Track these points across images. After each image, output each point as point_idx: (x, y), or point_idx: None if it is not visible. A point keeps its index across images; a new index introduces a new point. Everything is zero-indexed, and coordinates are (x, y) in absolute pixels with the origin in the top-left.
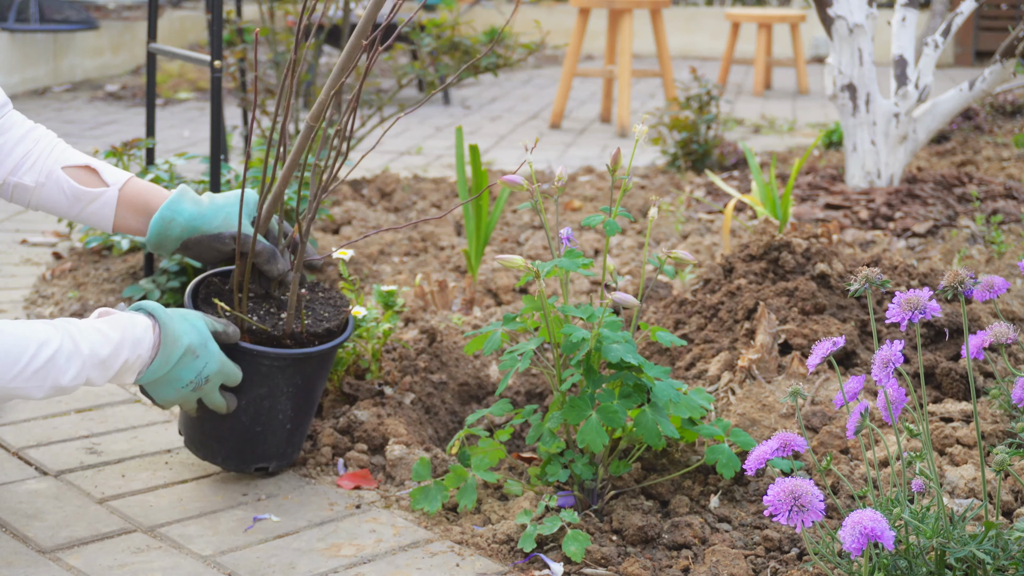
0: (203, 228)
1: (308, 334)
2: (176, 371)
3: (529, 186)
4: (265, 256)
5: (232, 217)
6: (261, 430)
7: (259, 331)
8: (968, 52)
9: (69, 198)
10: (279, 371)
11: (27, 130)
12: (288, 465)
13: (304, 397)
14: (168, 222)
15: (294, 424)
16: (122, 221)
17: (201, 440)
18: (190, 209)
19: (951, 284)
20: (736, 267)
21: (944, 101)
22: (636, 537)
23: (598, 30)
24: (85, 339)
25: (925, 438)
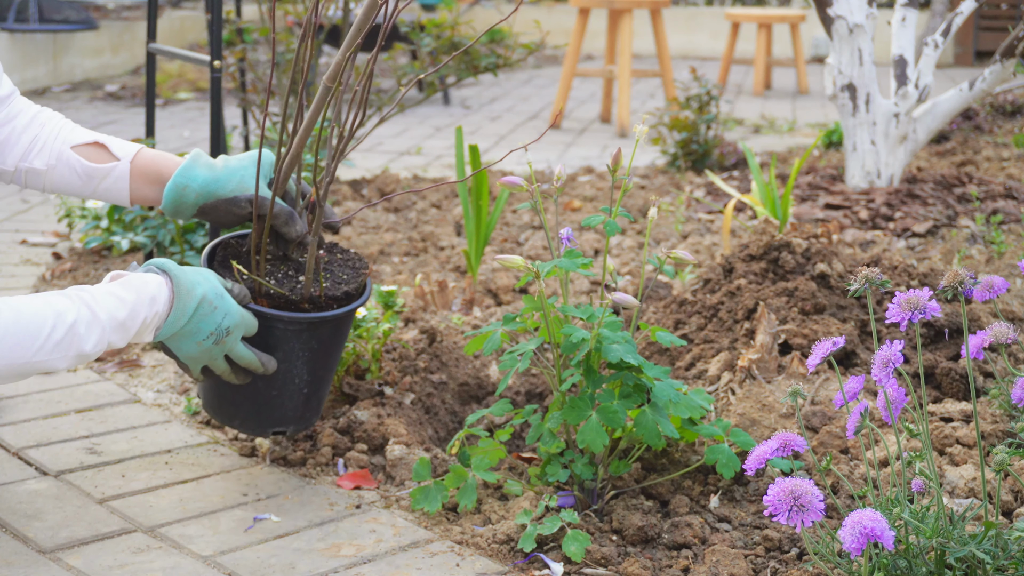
0: (218, 193)
1: (326, 297)
2: (194, 323)
3: (529, 186)
4: (283, 218)
5: (247, 180)
6: (277, 394)
7: (276, 295)
8: (968, 52)
9: (82, 177)
10: (294, 335)
11: (33, 115)
12: (306, 429)
13: (320, 362)
14: (182, 189)
15: (311, 389)
16: (137, 193)
17: (218, 404)
18: (204, 174)
19: (951, 284)
20: (736, 267)
21: (944, 101)
22: (636, 537)
23: (598, 30)
24: (101, 306)
25: (925, 438)
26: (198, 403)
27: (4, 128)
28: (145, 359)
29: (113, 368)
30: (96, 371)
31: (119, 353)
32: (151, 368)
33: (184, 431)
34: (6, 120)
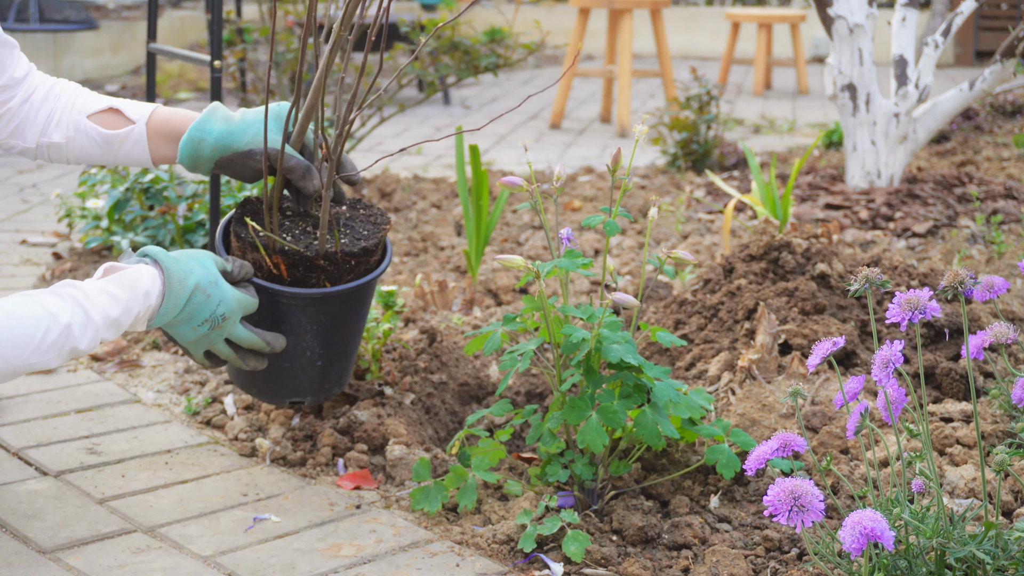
0: (233, 145)
1: (343, 254)
2: (187, 311)
3: (529, 186)
4: (299, 172)
5: (263, 132)
6: (290, 366)
7: (291, 252)
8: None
9: (101, 145)
10: (298, 310)
11: (48, 89)
12: (327, 399)
13: (333, 335)
14: (197, 142)
15: (326, 361)
16: (157, 153)
17: (237, 374)
18: (219, 127)
19: (951, 284)
20: (736, 267)
21: (944, 101)
22: (636, 537)
23: (598, 30)
24: (95, 305)
25: (925, 438)
26: (198, 403)
27: (23, 107)
28: (145, 359)
29: (113, 368)
30: (96, 371)
31: (119, 353)
32: (151, 368)
33: (184, 431)
34: (24, 99)
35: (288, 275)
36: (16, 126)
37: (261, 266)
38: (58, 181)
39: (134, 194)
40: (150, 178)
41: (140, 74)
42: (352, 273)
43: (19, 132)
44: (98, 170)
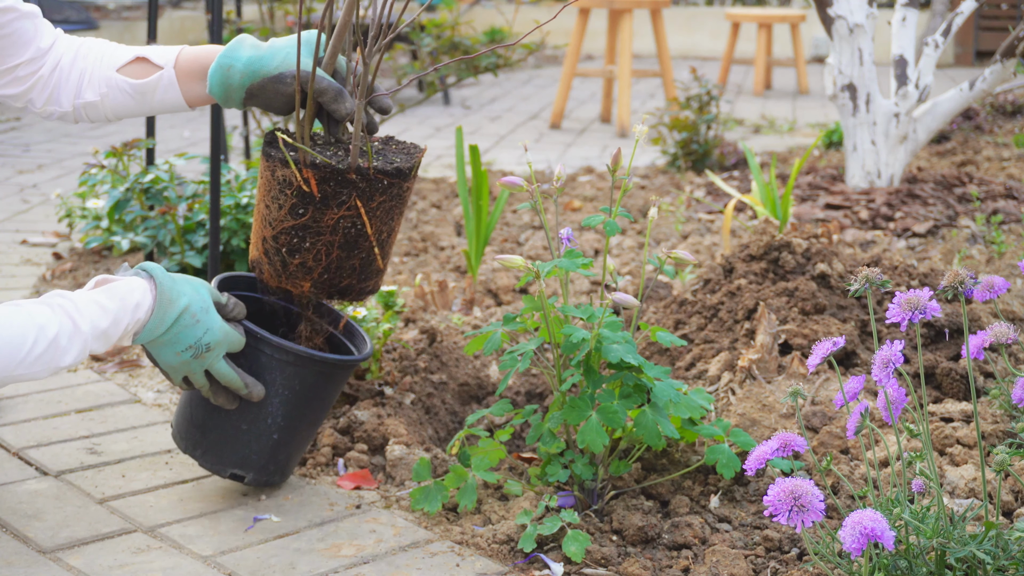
0: (263, 70)
1: (376, 171)
2: (173, 332)
3: (529, 187)
4: (331, 94)
5: (292, 56)
6: (247, 429)
7: (323, 164)
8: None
9: (134, 97)
10: (278, 367)
11: (76, 51)
12: (267, 485)
13: (298, 408)
14: (227, 69)
15: (281, 436)
16: (190, 93)
17: (186, 428)
18: (248, 53)
19: (951, 284)
20: (736, 267)
21: (944, 101)
22: (636, 537)
23: (598, 30)
24: (84, 316)
25: (925, 438)
26: None
27: (54, 74)
28: (145, 359)
29: (113, 368)
30: (96, 371)
31: (119, 353)
32: (151, 368)
33: None
34: (54, 66)
35: (319, 191)
36: (51, 93)
37: (291, 182)
38: (58, 181)
39: (134, 194)
40: (150, 178)
41: None
42: (384, 195)
43: (54, 98)
44: (98, 170)
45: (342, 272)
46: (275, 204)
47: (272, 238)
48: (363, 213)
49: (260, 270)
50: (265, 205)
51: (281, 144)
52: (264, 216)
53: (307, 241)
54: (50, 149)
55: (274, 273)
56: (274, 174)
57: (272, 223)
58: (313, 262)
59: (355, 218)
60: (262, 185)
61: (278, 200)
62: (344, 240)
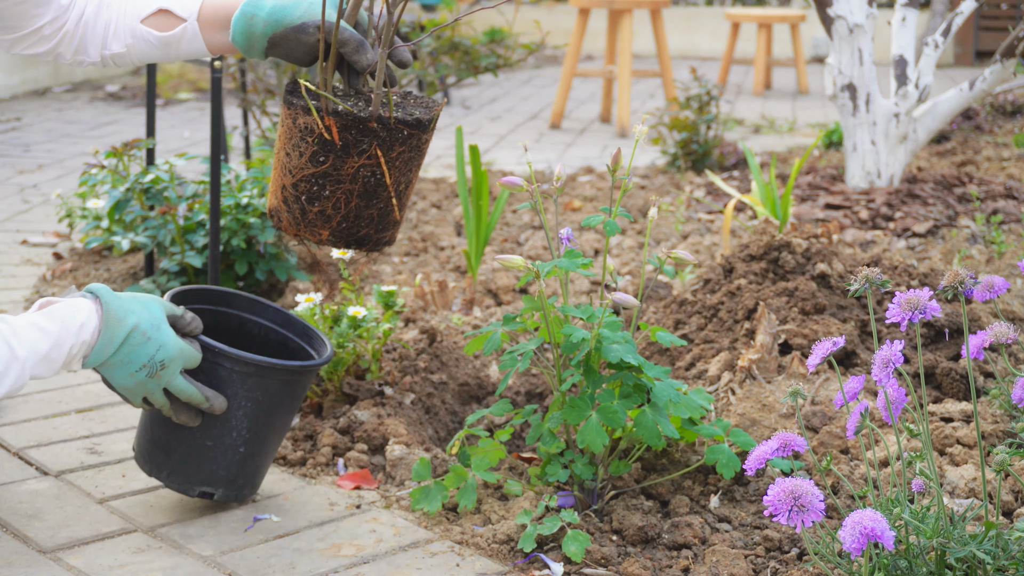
0: (286, 20)
1: (396, 121)
2: (124, 353)
3: (529, 186)
4: (352, 45)
5: (315, 6)
6: (212, 445)
7: (344, 112)
8: (968, 52)
9: (159, 48)
10: (239, 379)
11: (99, 1)
12: (237, 500)
13: (263, 419)
14: (250, 18)
15: (248, 449)
16: (212, 43)
17: (149, 450)
18: (271, 3)
19: (951, 284)
20: (736, 267)
21: (944, 101)
22: (636, 537)
23: (598, 30)
24: (22, 340)
25: (925, 438)
26: None
27: (79, 27)
28: None
29: None
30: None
31: None
32: None
33: None
34: (78, 19)
35: (340, 139)
36: (78, 45)
37: (312, 130)
38: (59, 181)
39: (134, 194)
40: (150, 178)
41: (140, 74)
42: (404, 146)
43: (82, 49)
44: (99, 170)
45: (360, 221)
46: (296, 152)
47: (292, 186)
48: (383, 163)
49: (279, 218)
50: (286, 153)
51: (303, 91)
52: (284, 164)
53: (327, 189)
54: (50, 149)
55: (293, 221)
56: (295, 122)
57: (292, 171)
58: (332, 210)
59: (375, 167)
60: (283, 133)
61: (299, 148)
62: (363, 189)
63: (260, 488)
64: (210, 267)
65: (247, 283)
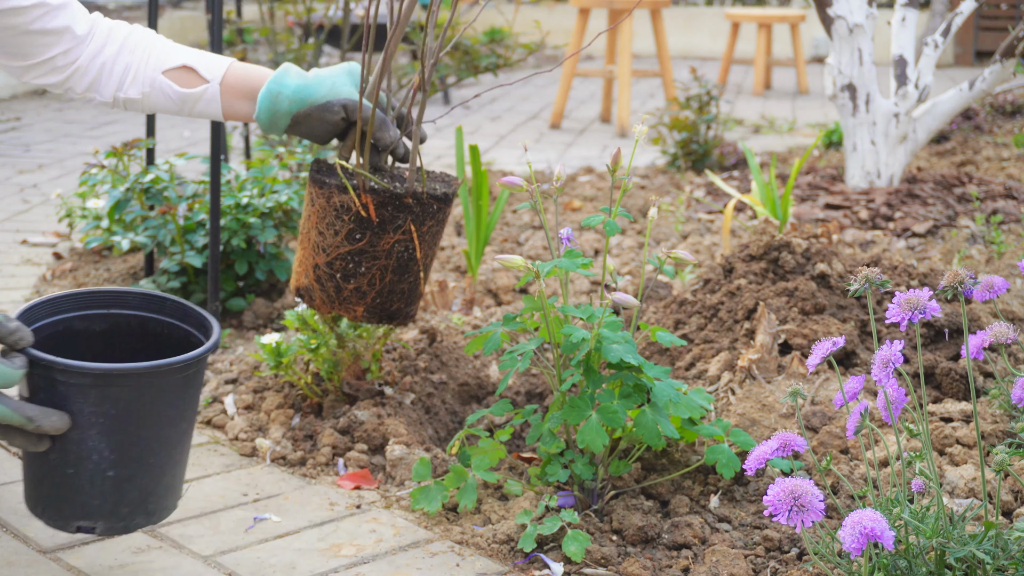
0: (310, 99)
1: (428, 196)
2: None
3: (529, 186)
4: (377, 123)
5: (339, 86)
6: (74, 472)
7: (381, 189)
8: (968, 52)
9: (176, 102)
10: (78, 393)
11: (122, 42)
12: (126, 531)
13: (126, 435)
14: (275, 96)
15: (120, 472)
16: (230, 109)
17: (25, 484)
18: (296, 81)
19: (951, 284)
20: (736, 267)
21: (944, 101)
22: (636, 537)
23: (598, 30)
24: None
25: (925, 438)
26: None
27: (94, 63)
28: None
29: None
30: None
31: None
32: None
33: None
34: (94, 55)
35: (376, 215)
36: (91, 81)
37: (349, 208)
38: (59, 181)
39: (134, 194)
40: (150, 178)
41: None
42: (433, 220)
43: (95, 87)
44: (99, 170)
45: (393, 296)
46: (330, 231)
47: (326, 264)
48: (415, 237)
49: (310, 297)
50: (318, 232)
51: (340, 171)
52: (316, 243)
53: (363, 266)
54: (50, 149)
55: (326, 299)
56: (329, 200)
57: (327, 249)
58: (367, 287)
59: (408, 242)
60: (314, 212)
61: (334, 226)
62: (397, 264)
63: (260, 488)
64: (210, 267)
65: (247, 283)
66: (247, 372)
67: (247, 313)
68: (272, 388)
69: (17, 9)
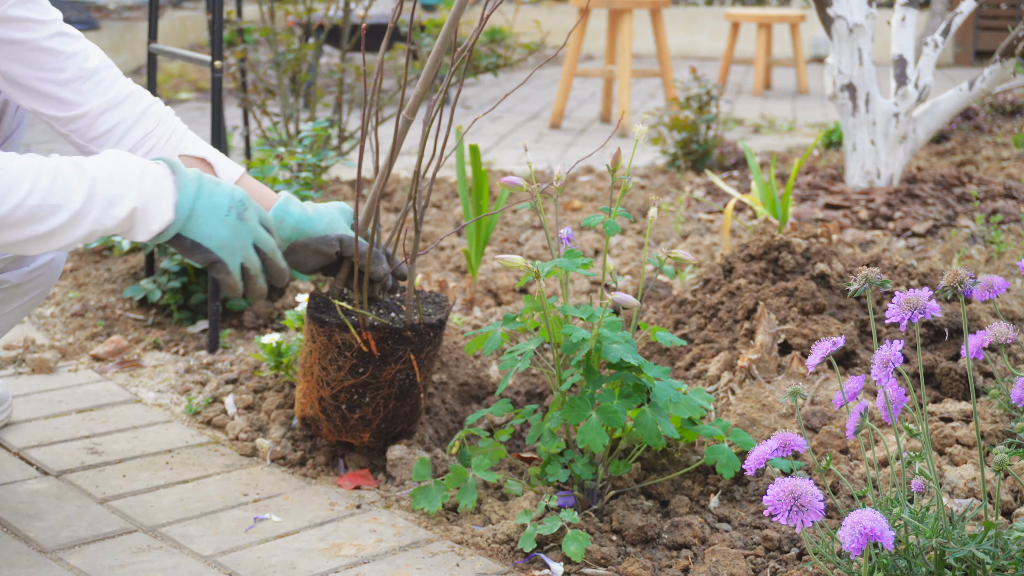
0: (310, 231)
1: (426, 326)
2: (206, 197)
3: (529, 186)
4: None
5: (335, 223)
6: None
7: (380, 326)
8: (968, 52)
9: None
10: None
11: (145, 108)
12: None
13: None
14: (279, 222)
15: None
16: None
17: None
18: (298, 212)
19: (951, 284)
20: (736, 267)
21: (944, 101)
22: (636, 537)
23: (598, 30)
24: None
25: (925, 438)
26: (199, 403)
27: (106, 118)
28: (146, 359)
29: (114, 368)
30: (97, 371)
31: (120, 353)
32: (152, 368)
33: (185, 431)
34: (106, 109)
35: (378, 350)
36: (103, 133)
37: (351, 345)
38: None
39: None
40: None
41: (141, 74)
42: (430, 345)
43: (102, 142)
44: None
45: (397, 419)
46: (333, 366)
47: (331, 397)
48: (415, 364)
49: (317, 427)
50: (321, 367)
51: (339, 311)
52: (320, 377)
53: (367, 396)
54: (51, 149)
55: (333, 428)
56: (331, 339)
57: (331, 383)
58: (372, 414)
59: (408, 370)
60: (316, 349)
61: (336, 362)
62: (399, 391)
63: (260, 488)
64: None
65: None
66: (247, 372)
67: (247, 313)
68: (272, 388)
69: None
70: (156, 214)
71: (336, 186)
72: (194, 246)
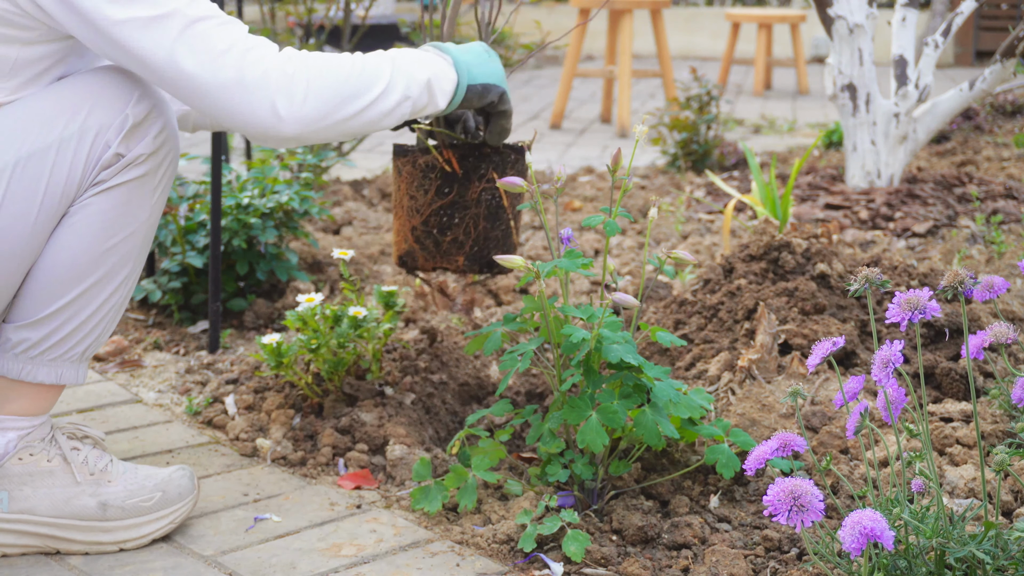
0: None
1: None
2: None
3: (528, 187)
4: None
5: None
6: None
7: (461, 144)
8: (968, 52)
9: None
10: None
11: None
12: None
13: None
14: None
15: None
16: None
17: None
18: None
19: (951, 284)
20: (736, 267)
21: (944, 101)
22: (636, 537)
23: (598, 30)
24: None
25: (925, 438)
26: (199, 403)
27: None
28: (147, 359)
29: (115, 368)
30: (97, 371)
31: (121, 353)
32: (152, 368)
33: (185, 431)
34: None
35: (460, 167)
36: None
37: (434, 166)
38: None
39: None
40: None
41: None
42: (513, 169)
43: None
44: None
45: (489, 243)
46: (420, 191)
47: (422, 223)
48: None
49: (412, 259)
50: (410, 196)
51: (420, 134)
52: (410, 207)
53: (456, 217)
54: None
55: (428, 256)
56: (415, 164)
57: (420, 209)
58: (463, 236)
59: (493, 190)
60: (403, 181)
61: (423, 186)
62: (487, 211)
63: (260, 488)
64: (211, 267)
65: (248, 283)
66: (248, 372)
67: (248, 313)
68: (273, 388)
69: None
70: (446, 76)
71: (336, 186)
72: (484, 88)
